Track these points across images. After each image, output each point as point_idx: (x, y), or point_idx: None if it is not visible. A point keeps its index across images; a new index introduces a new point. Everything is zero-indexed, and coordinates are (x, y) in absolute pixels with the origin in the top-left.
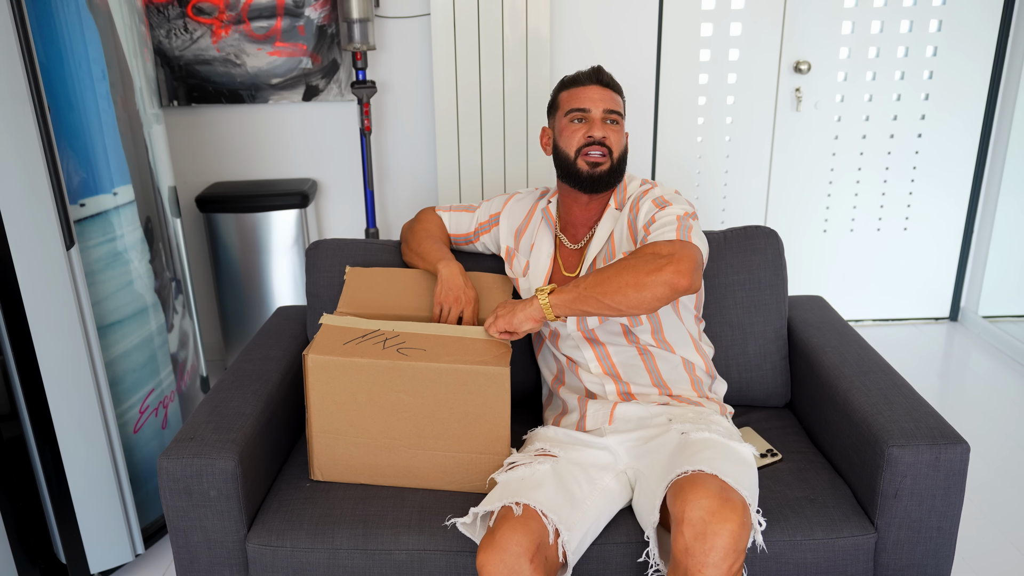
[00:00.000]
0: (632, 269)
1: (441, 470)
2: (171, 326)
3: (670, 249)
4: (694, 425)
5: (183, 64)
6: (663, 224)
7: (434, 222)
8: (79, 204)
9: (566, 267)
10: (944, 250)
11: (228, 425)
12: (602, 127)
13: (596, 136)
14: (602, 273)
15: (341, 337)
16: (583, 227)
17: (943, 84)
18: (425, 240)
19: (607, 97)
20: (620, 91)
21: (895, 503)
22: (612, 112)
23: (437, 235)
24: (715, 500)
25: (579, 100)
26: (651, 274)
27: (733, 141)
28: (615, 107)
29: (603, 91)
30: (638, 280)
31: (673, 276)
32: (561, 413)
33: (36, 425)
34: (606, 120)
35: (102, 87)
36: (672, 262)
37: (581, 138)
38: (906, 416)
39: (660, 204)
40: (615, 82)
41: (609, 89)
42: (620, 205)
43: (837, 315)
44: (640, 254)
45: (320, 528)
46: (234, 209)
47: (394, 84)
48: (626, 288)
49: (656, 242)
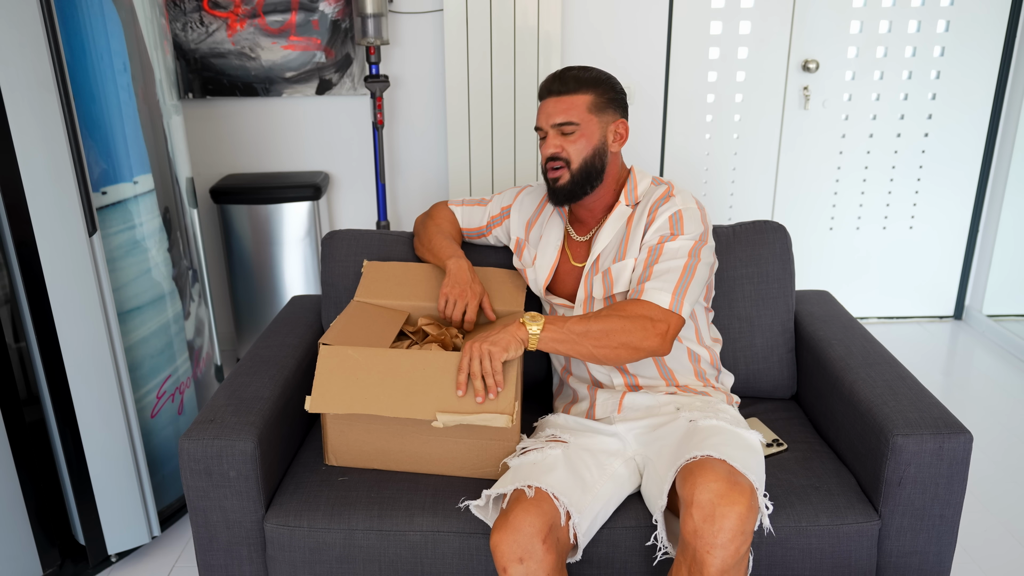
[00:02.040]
0: (626, 332)
1: (453, 456)
2: (188, 313)
3: (663, 320)
4: (702, 413)
5: (199, 57)
6: (667, 270)
7: (446, 217)
8: (101, 192)
9: (574, 257)
10: (949, 248)
11: (247, 408)
12: (553, 141)
13: (547, 153)
14: (595, 324)
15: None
16: (591, 220)
17: (950, 84)
18: (436, 236)
19: (559, 108)
20: (586, 86)
21: (899, 491)
22: (563, 124)
23: (448, 230)
24: (724, 483)
25: (538, 116)
26: (643, 341)
27: (741, 138)
28: (568, 117)
29: (556, 102)
30: (630, 343)
31: (658, 347)
32: (571, 401)
33: (58, 409)
34: (561, 132)
35: (124, 78)
36: (661, 335)
37: (542, 155)
38: (910, 406)
39: (675, 227)
40: (571, 85)
41: (564, 96)
42: (631, 203)
43: (843, 309)
44: (633, 315)
45: (336, 509)
46: (247, 201)
47: (406, 79)
48: (619, 349)
49: (650, 305)
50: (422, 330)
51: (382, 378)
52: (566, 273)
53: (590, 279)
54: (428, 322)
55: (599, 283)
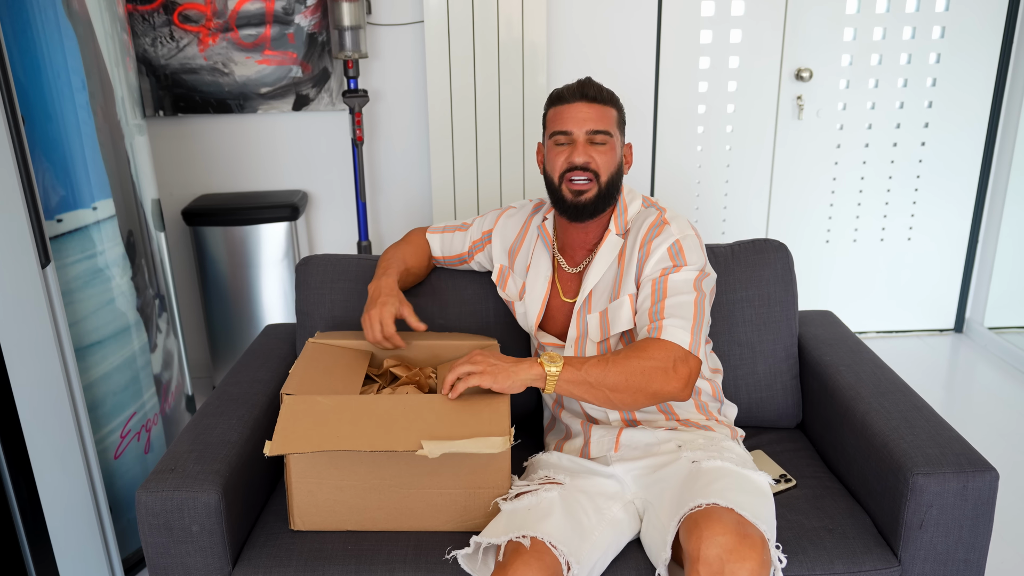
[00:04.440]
0: (646, 376)
1: (436, 509)
2: (154, 346)
3: (684, 362)
4: (705, 452)
5: (169, 73)
6: (679, 306)
7: (411, 248)
8: (56, 220)
9: (565, 292)
10: (949, 260)
11: (212, 455)
12: (585, 150)
13: (577, 162)
14: (614, 369)
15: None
16: (581, 249)
17: (946, 91)
18: (381, 262)
19: (593, 115)
20: (613, 102)
21: (920, 534)
22: (598, 132)
23: (402, 258)
24: (732, 536)
25: (562, 121)
26: (664, 386)
27: (734, 150)
28: (602, 125)
29: (589, 108)
30: (651, 389)
31: (679, 392)
32: (564, 438)
33: (9, 453)
34: (591, 141)
35: (81, 97)
36: (684, 379)
37: (564, 163)
38: (929, 441)
39: (675, 257)
40: (605, 94)
41: (597, 104)
42: (621, 231)
43: (848, 331)
44: (655, 357)
45: (310, 565)
46: (222, 222)
47: (387, 93)
48: (638, 394)
49: (672, 346)
50: (389, 372)
51: (355, 419)
52: (556, 309)
53: (583, 318)
54: (395, 363)
55: (595, 324)
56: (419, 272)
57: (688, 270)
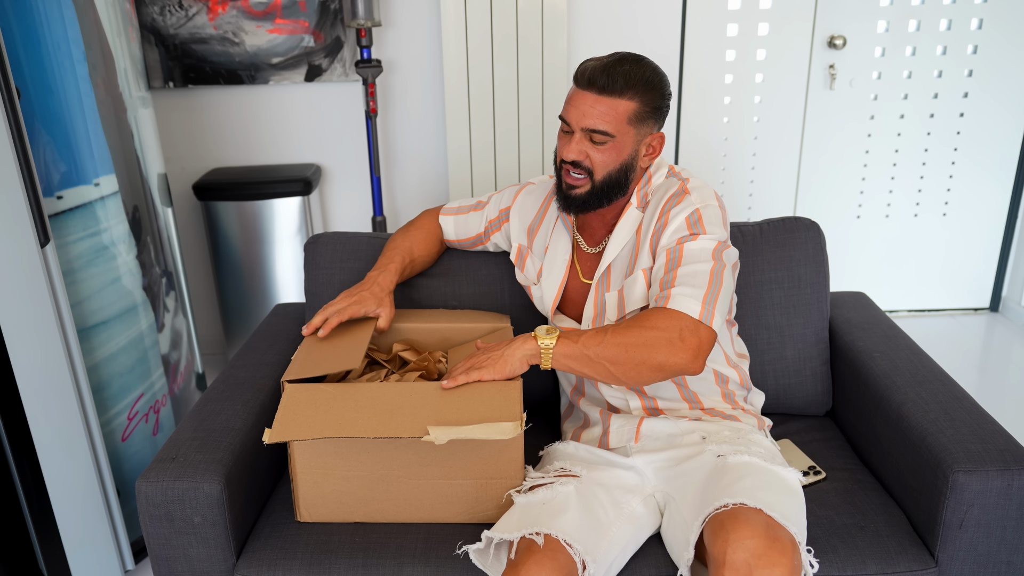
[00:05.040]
0: (649, 347)
1: (447, 500)
2: (162, 325)
3: (693, 332)
4: (731, 446)
5: (178, 43)
6: (693, 274)
7: (420, 234)
8: (56, 197)
9: (584, 273)
10: (986, 236)
11: (214, 443)
12: (578, 146)
13: (567, 158)
14: (612, 339)
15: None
16: (601, 228)
17: (988, 59)
18: (386, 251)
19: (597, 110)
20: (634, 92)
21: (959, 534)
22: (597, 132)
23: (407, 252)
24: (761, 540)
25: (568, 107)
26: (669, 357)
27: (762, 122)
28: (603, 124)
29: (596, 101)
30: (655, 361)
31: (688, 364)
32: (582, 427)
33: (13, 437)
34: (590, 138)
35: (81, 69)
36: (692, 350)
37: (560, 153)
38: (971, 435)
39: (693, 226)
40: (620, 84)
41: (607, 96)
42: (642, 203)
43: (883, 314)
44: (657, 327)
45: (316, 558)
46: (234, 197)
47: (401, 63)
48: (641, 367)
49: (678, 315)
50: (398, 357)
51: (359, 406)
52: (575, 291)
53: (600, 296)
54: (404, 348)
55: (613, 302)
56: (427, 260)
57: (706, 239)
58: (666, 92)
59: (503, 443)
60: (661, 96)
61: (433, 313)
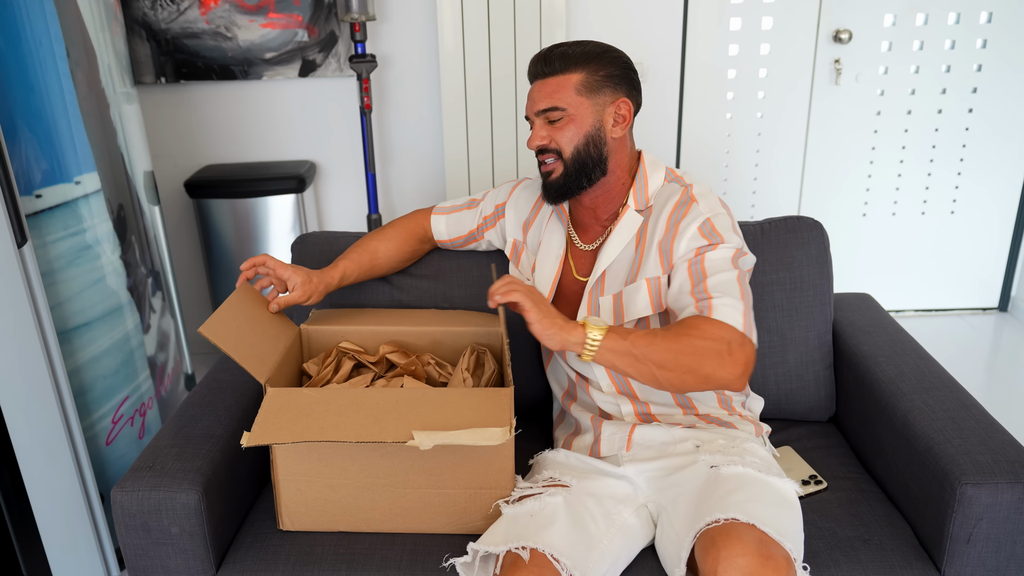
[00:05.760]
0: (699, 356)
1: (434, 510)
2: (148, 326)
3: (741, 347)
4: (725, 456)
5: (170, 38)
6: (723, 284)
7: (397, 232)
8: (35, 195)
9: (578, 270)
10: (994, 235)
11: (193, 451)
12: (540, 131)
13: (531, 146)
14: (662, 343)
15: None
16: (595, 225)
17: (997, 54)
18: (351, 246)
19: (544, 92)
20: (573, 64)
21: (967, 549)
22: (548, 110)
23: (367, 253)
24: (754, 558)
25: (527, 103)
26: (718, 370)
27: (765, 118)
28: (551, 101)
29: (541, 85)
30: (703, 370)
31: (735, 380)
32: (573, 433)
33: None
34: (548, 120)
35: (63, 66)
36: (741, 366)
37: (529, 147)
38: (980, 446)
39: (708, 236)
40: (557, 63)
41: (549, 77)
42: (641, 207)
43: (889, 317)
44: (709, 336)
45: (298, 569)
46: (226, 194)
47: (397, 58)
48: (687, 375)
49: (726, 326)
50: (385, 359)
51: (342, 411)
52: (568, 288)
53: (595, 299)
54: (392, 349)
55: (608, 307)
56: (395, 261)
57: (724, 248)
58: (617, 60)
59: (492, 452)
60: (610, 63)
61: (423, 314)
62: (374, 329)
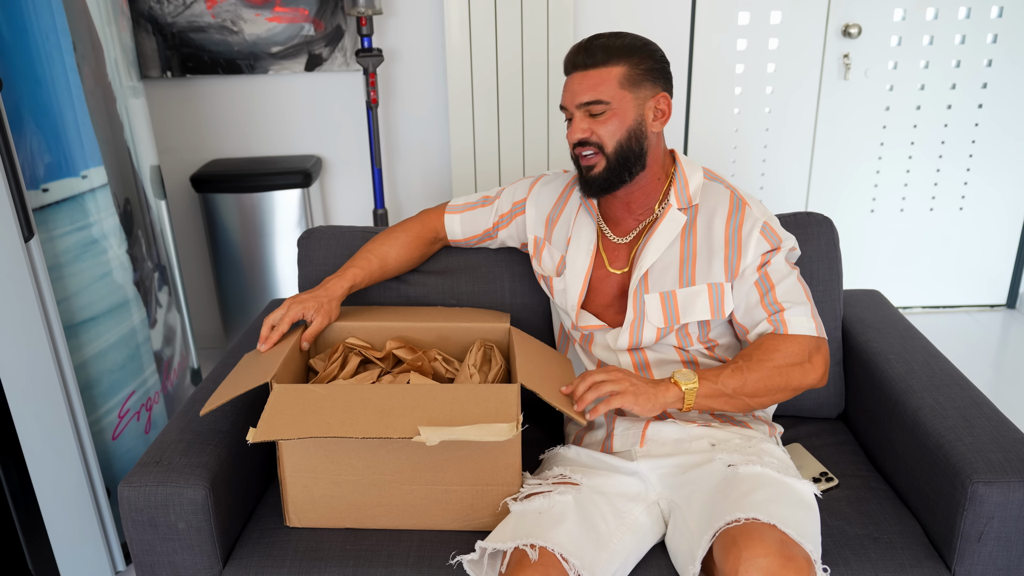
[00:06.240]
0: (785, 376)
1: (441, 507)
2: (154, 321)
3: (818, 350)
4: (742, 456)
5: (176, 32)
6: (789, 291)
7: (406, 237)
8: (42, 189)
9: (612, 262)
10: (1003, 231)
11: (201, 446)
12: (581, 124)
13: (572, 139)
14: (751, 377)
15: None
16: (629, 218)
17: (1008, 49)
18: (358, 253)
19: (586, 84)
20: (617, 57)
21: (978, 548)
22: (591, 103)
23: (377, 258)
24: (775, 559)
25: (563, 95)
26: (804, 379)
27: (773, 113)
28: (594, 94)
29: (582, 77)
30: (791, 386)
31: (819, 381)
32: (585, 429)
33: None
34: (589, 113)
35: (69, 59)
36: (823, 368)
37: (569, 141)
38: (992, 444)
39: (771, 240)
40: (600, 56)
41: (591, 69)
42: (684, 205)
43: (899, 314)
44: (790, 356)
45: (305, 566)
46: (232, 189)
47: (403, 52)
48: (778, 394)
49: (803, 339)
50: (392, 355)
51: (349, 407)
52: (600, 281)
53: (640, 298)
54: (399, 345)
55: (656, 307)
56: (405, 264)
57: (784, 251)
58: (656, 54)
59: (499, 448)
60: (650, 57)
61: (430, 311)
62: (381, 325)
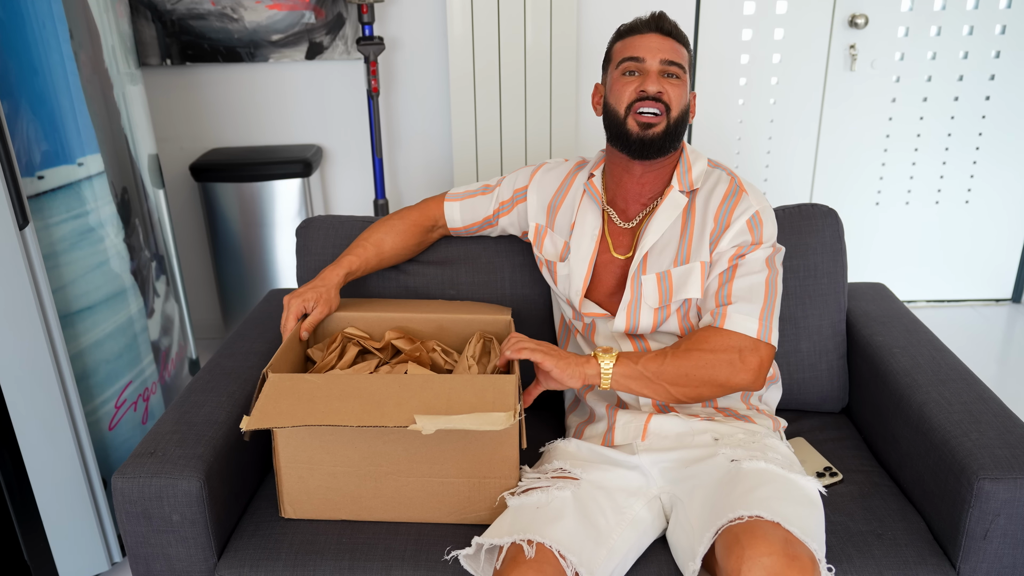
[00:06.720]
0: (709, 368)
1: (438, 500)
2: (152, 310)
3: (753, 351)
4: (746, 451)
5: (175, 19)
6: (749, 289)
7: (403, 225)
8: (37, 177)
9: (616, 247)
10: (1009, 225)
11: (196, 437)
12: (658, 80)
13: (650, 91)
14: (671, 362)
15: None
16: (636, 203)
17: (1017, 40)
18: (355, 241)
19: (667, 47)
20: (686, 42)
21: (983, 545)
22: (672, 64)
23: (373, 246)
24: (779, 557)
25: (633, 49)
26: (731, 377)
27: (779, 104)
28: (677, 58)
29: (663, 40)
30: (716, 380)
31: (751, 383)
32: (587, 421)
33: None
34: (664, 73)
35: (66, 47)
36: (753, 370)
37: (633, 92)
38: (998, 440)
39: (755, 232)
40: (680, 31)
41: (672, 39)
42: (685, 188)
43: (904, 307)
44: (717, 348)
45: (300, 558)
46: (232, 178)
47: (405, 40)
48: (702, 388)
49: (737, 336)
50: (391, 345)
51: (344, 396)
52: (604, 267)
53: (637, 280)
54: (397, 335)
55: (652, 287)
56: (402, 252)
57: (763, 248)
58: None
59: (497, 440)
60: (692, 54)
61: (430, 303)
62: (380, 315)
